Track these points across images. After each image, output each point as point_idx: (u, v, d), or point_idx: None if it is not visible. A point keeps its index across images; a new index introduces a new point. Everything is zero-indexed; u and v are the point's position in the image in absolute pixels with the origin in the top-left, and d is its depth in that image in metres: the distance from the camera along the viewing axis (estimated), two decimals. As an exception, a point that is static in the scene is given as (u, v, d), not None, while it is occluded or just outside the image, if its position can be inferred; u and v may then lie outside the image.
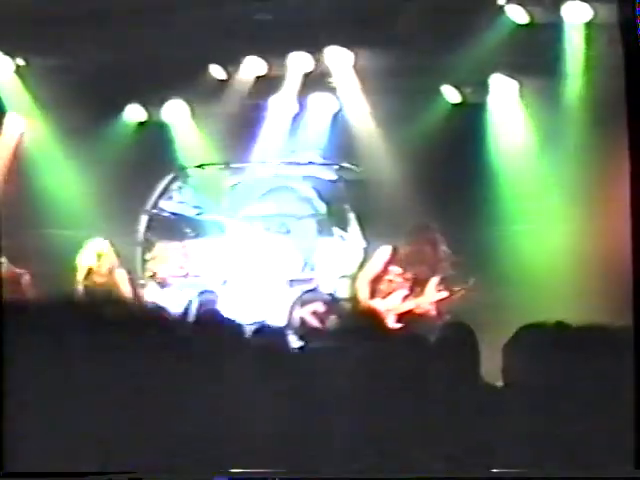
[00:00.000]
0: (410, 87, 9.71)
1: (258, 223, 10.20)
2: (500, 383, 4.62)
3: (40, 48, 9.78)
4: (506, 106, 9.82)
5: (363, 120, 10.11)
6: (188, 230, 10.26)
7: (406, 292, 8.43)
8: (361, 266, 9.78)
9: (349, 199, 10.13)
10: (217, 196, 10.42)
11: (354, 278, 8.87)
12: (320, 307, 8.75)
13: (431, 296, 8.45)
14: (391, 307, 8.34)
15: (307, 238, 10.18)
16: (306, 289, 9.57)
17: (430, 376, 4.74)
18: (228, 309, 5.89)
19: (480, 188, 9.53)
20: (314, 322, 8.60)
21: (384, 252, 8.53)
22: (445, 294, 8.41)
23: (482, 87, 9.87)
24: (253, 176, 10.49)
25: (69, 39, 9.43)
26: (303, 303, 9.08)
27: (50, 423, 4.29)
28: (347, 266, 9.94)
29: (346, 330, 6.02)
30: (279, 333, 5.98)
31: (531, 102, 9.67)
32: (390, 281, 8.44)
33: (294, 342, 6.05)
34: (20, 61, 10.03)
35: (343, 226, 10.14)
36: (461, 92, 10.00)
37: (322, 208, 10.33)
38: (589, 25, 8.92)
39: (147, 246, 10.19)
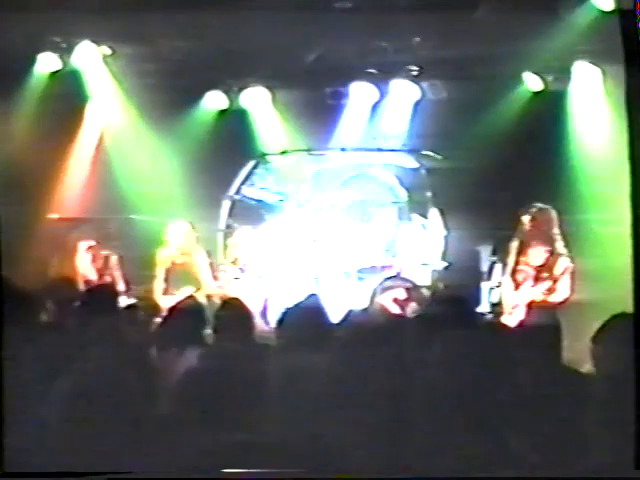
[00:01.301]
0: (491, 74, 9.67)
1: (339, 210, 10.25)
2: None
3: (124, 36, 9.90)
4: (589, 94, 9.72)
5: (444, 108, 10.10)
6: (269, 216, 10.36)
7: (534, 279, 8.40)
8: (444, 255, 9.80)
9: (430, 187, 10.12)
10: (299, 183, 10.50)
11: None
12: (401, 294, 8.77)
13: (560, 276, 8.35)
14: (525, 297, 8.31)
15: (388, 225, 10.19)
16: (387, 276, 9.60)
17: (513, 365, 4.73)
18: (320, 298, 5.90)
19: (561, 177, 9.46)
20: (395, 309, 8.62)
21: (514, 244, 8.51)
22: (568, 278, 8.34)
23: (564, 74, 9.79)
24: (334, 163, 10.53)
25: (152, 27, 9.52)
26: (384, 290, 9.11)
27: (50, 423, 4.32)
28: (428, 254, 9.94)
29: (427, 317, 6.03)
30: (361, 319, 6.04)
31: (614, 90, 9.55)
32: (520, 271, 8.43)
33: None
34: (106, 49, 10.16)
35: (424, 214, 10.13)
36: (543, 80, 9.92)
37: (403, 196, 10.33)
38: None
39: (229, 232, 10.30)
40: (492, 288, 9.88)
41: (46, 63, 10.12)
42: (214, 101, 10.79)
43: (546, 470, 4.16)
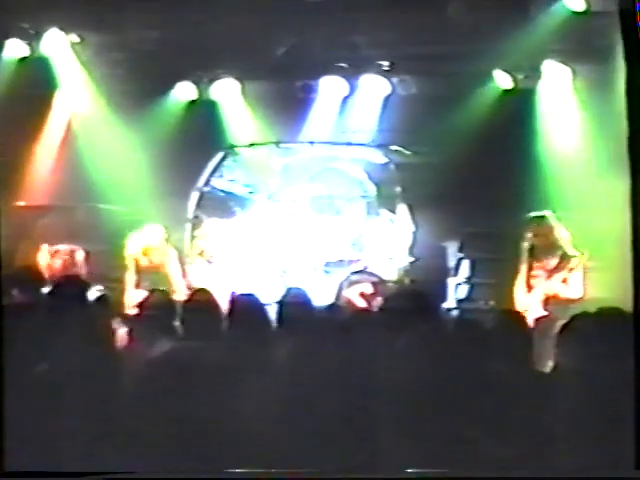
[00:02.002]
0: (462, 71, 9.69)
1: (308, 203, 10.25)
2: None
3: (94, 25, 9.84)
4: (558, 93, 9.77)
5: (414, 103, 10.12)
6: (237, 208, 10.34)
7: (548, 281, 8.45)
8: (411, 250, 9.82)
9: (399, 182, 10.14)
10: (267, 175, 10.49)
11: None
12: (368, 288, 8.78)
13: (570, 275, 8.40)
14: (537, 297, 8.35)
15: (356, 220, 10.21)
16: (354, 270, 9.61)
17: (478, 360, 4.73)
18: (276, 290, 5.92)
19: (528, 174, 9.50)
20: (361, 303, 8.63)
21: (525, 249, 8.55)
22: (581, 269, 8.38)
23: (535, 73, 9.83)
24: (303, 156, 10.52)
25: (122, 16, 9.48)
26: (350, 284, 9.12)
27: (50, 423, 4.29)
28: (395, 249, 9.96)
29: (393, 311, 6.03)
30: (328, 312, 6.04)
31: (583, 89, 9.61)
32: (534, 276, 8.47)
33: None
34: (74, 37, 10.09)
35: (392, 209, 10.15)
36: (513, 77, 9.96)
37: (372, 190, 10.35)
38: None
39: (196, 223, 10.27)
40: (459, 284, 9.95)
41: (14, 49, 10.05)
42: (184, 92, 10.75)
43: (545, 470, 4.16)
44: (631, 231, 4.68)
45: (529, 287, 8.49)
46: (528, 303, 8.35)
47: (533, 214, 8.69)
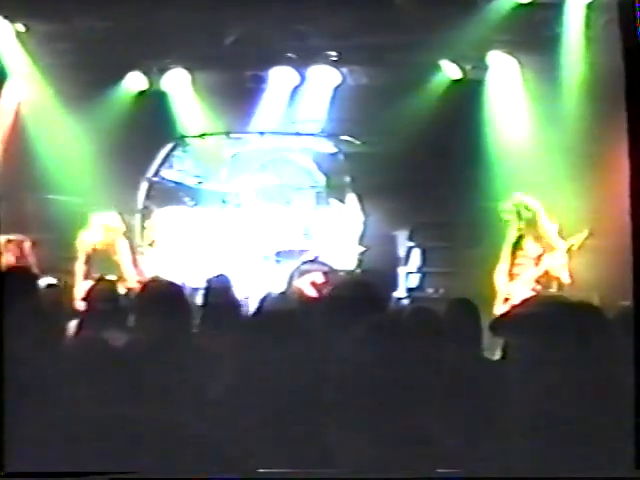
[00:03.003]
0: (411, 61, 9.75)
1: (257, 193, 10.26)
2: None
3: (40, 14, 9.75)
4: (505, 83, 9.86)
5: (364, 93, 10.16)
6: (187, 199, 10.32)
7: (533, 269, 8.49)
8: (361, 239, 9.86)
9: (349, 172, 10.19)
10: (217, 166, 10.48)
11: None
12: (319, 277, 8.81)
13: (554, 257, 8.44)
14: (524, 283, 8.39)
15: (306, 209, 10.24)
16: (305, 260, 9.64)
17: (430, 351, 4.77)
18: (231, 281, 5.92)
19: (477, 164, 9.59)
20: (312, 292, 8.66)
21: (508, 241, 8.58)
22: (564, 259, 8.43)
23: (482, 63, 9.91)
24: (253, 147, 10.53)
25: (70, 5, 9.40)
26: (301, 273, 9.15)
27: (50, 423, 4.28)
28: (345, 238, 10.00)
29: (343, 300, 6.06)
30: (277, 302, 6.05)
31: (530, 79, 9.71)
32: (519, 264, 8.51)
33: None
34: (20, 27, 9.99)
35: (342, 198, 10.19)
36: (461, 68, 10.03)
37: (321, 180, 10.38)
38: (590, 5, 8.96)
39: (146, 213, 10.24)
40: (409, 273, 10.02)
41: (-42, 40, 9.95)
42: (134, 82, 10.70)
43: (545, 470, 4.19)
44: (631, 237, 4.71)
45: (511, 276, 8.53)
46: (511, 290, 8.40)
47: (514, 201, 8.66)
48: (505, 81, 9.86)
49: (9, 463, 4.16)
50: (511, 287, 8.43)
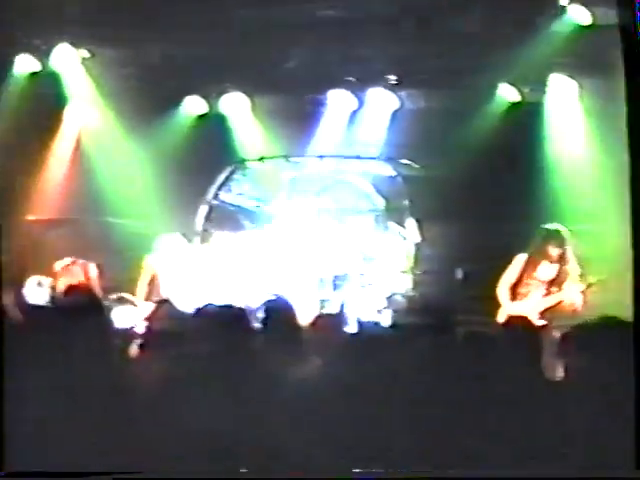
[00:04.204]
0: (469, 85, 9.74)
1: (315, 217, 10.28)
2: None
3: (104, 40, 9.92)
4: (564, 106, 9.81)
5: (422, 117, 10.16)
6: (246, 222, 10.36)
7: (543, 292, 8.40)
8: (415, 261, 9.82)
9: (407, 195, 10.16)
10: (275, 189, 10.52)
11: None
12: (377, 302, 8.80)
13: (571, 290, 8.34)
14: (533, 307, 8.31)
15: (364, 233, 10.22)
16: (363, 284, 9.62)
17: (488, 373, 4.76)
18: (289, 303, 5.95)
19: (536, 187, 9.53)
20: (371, 316, 8.65)
21: (521, 259, 8.50)
22: (583, 286, 8.31)
23: (541, 86, 9.87)
24: (311, 170, 10.55)
25: (132, 31, 9.54)
26: (359, 297, 9.13)
27: (50, 423, 4.31)
28: (404, 262, 9.97)
29: (402, 324, 6.06)
30: (335, 325, 6.06)
31: (590, 103, 9.64)
32: (527, 284, 8.43)
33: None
34: (84, 52, 10.16)
35: (400, 222, 10.16)
36: (520, 91, 10.00)
37: (380, 203, 10.37)
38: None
39: (205, 236, 10.30)
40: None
41: (24, 65, 10.12)
42: (193, 106, 10.81)
43: (545, 470, 4.18)
44: (631, 242, 4.70)
45: (516, 294, 8.44)
46: (516, 309, 8.30)
47: (547, 227, 8.60)
48: (564, 104, 9.81)
49: (9, 463, 4.20)
50: (516, 307, 8.31)
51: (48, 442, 4.25)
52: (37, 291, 8.60)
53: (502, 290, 8.39)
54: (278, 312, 5.53)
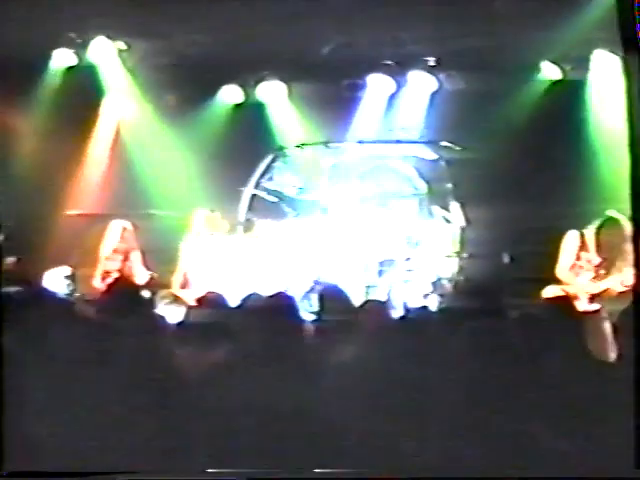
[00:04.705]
0: (509, 64, 9.61)
1: (359, 202, 10.21)
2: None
3: (139, 31, 9.91)
4: (608, 83, 9.65)
5: (462, 98, 10.05)
6: (289, 209, 10.33)
7: (592, 274, 8.29)
8: (461, 245, 9.73)
9: (450, 178, 10.07)
10: (317, 176, 10.47)
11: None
12: (423, 287, 8.72)
13: (621, 276, 8.22)
14: (582, 288, 8.21)
15: (408, 217, 10.14)
16: (408, 268, 9.55)
17: (537, 356, 4.70)
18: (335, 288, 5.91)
19: (582, 168, 9.40)
20: (417, 301, 8.59)
21: (572, 237, 8.38)
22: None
23: (583, 63, 9.73)
24: (352, 155, 10.50)
25: (167, 21, 9.51)
26: (405, 282, 9.07)
27: (50, 423, 4.30)
28: (449, 246, 9.88)
29: (449, 309, 6.02)
30: (382, 311, 6.02)
31: (634, 78, 9.47)
32: (580, 266, 8.32)
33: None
34: (121, 44, 10.16)
35: (444, 206, 10.08)
36: (561, 69, 9.87)
37: (423, 187, 10.29)
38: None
39: (248, 225, 10.29)
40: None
41: (62, 59, 10.14)
42: (230, 95, 10.79)
43: (545, 470, 4.13)
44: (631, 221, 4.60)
45: (575, 272, 8.33)
46: (576, 287, 8.20)
47: (608, 214, 8.42)
48: (607, 80, 9.66)
49: (9, 463, 4.19)
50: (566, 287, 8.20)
51: (48, 442, 4.24)
52: (62, 285, 8.61)
53: (563, 272, 8.29)
54: (330, 299, 5.50)
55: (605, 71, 9.62)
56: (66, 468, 4.16)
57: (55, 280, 8.63)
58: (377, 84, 10.44)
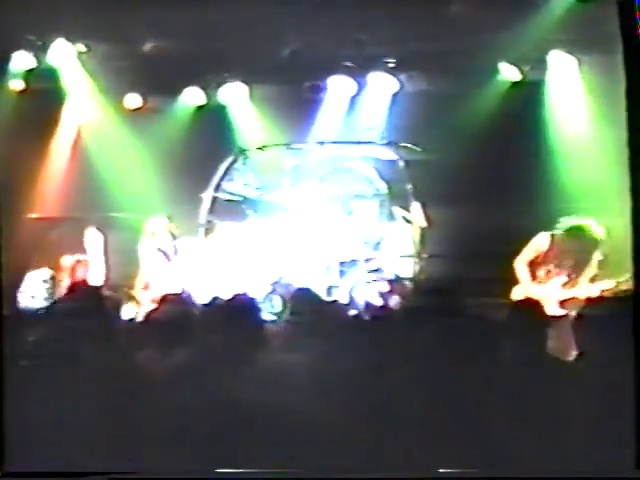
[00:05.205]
0: (469, 66, 9.68)
1: (320, 203, 10.24)
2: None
3: (100, 34, 9.87)
4: (566, 83, 9.75)
5: (423, 100, 10.10)
6: (250, 211, 10.34)
7: (565, 279, 8.21)
8: (421, 245, 9.77)
9: (410, 179, 10.12)
10: (278, 177, 10.49)
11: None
12: (384, 287, 8.76)
13: (594, 285, 8.11)
14: (551, 294, 8.15)
15: (369, 218, 10.18)
16: (369, 269, 9.59)
17: (493, 354, 4.74)
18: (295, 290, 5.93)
19: (540, 168, 9.47)
20: (378, 302, 8.62)
21: (542, 239, 8.30)
22: (610, 283, 8.02)
23: (541, 64, 9.81)
24: (313, 157, 10.51)
25: (128, 24, 9.49)
26: (366, 283, 9.10)
27: (50, 423, 4.30)
28: (410, 246, 9.93)
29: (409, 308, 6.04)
30: (344, 311, 6.05)
31: (590, 79, 9.58)
32: (548, 270, 8.22)
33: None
34: (81, 47, 10.12)
35: (405, 206, 10.12)
36: (520, 70, 9.94)
37: (383, 188, 10.33)
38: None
39: (209, 228, 10.28)
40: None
41: (21, 61, 10.08)
42: (192, 97, 10.78)
43: (545, 470, 4.16)
44: (631, 223, 4.65)
45: (533, 276, 8.28)
46: (535, 291, 8.16)
47: (575, 222, 8.14)
48: (565, 81, 9.75)
49: (9, 463, 4.19)
50: (535, 289, 8.10)
51: (48, 442, 4.23)
52: (41, 288, 8.57)
53: (520, 267, 8.20)
54: (291, 300, 5.52)
55: (562, 72, 9.72)
56: (65, 468, 4.16)
57: (34, 283, 8.60)
58: (338, 86, 10.47)
